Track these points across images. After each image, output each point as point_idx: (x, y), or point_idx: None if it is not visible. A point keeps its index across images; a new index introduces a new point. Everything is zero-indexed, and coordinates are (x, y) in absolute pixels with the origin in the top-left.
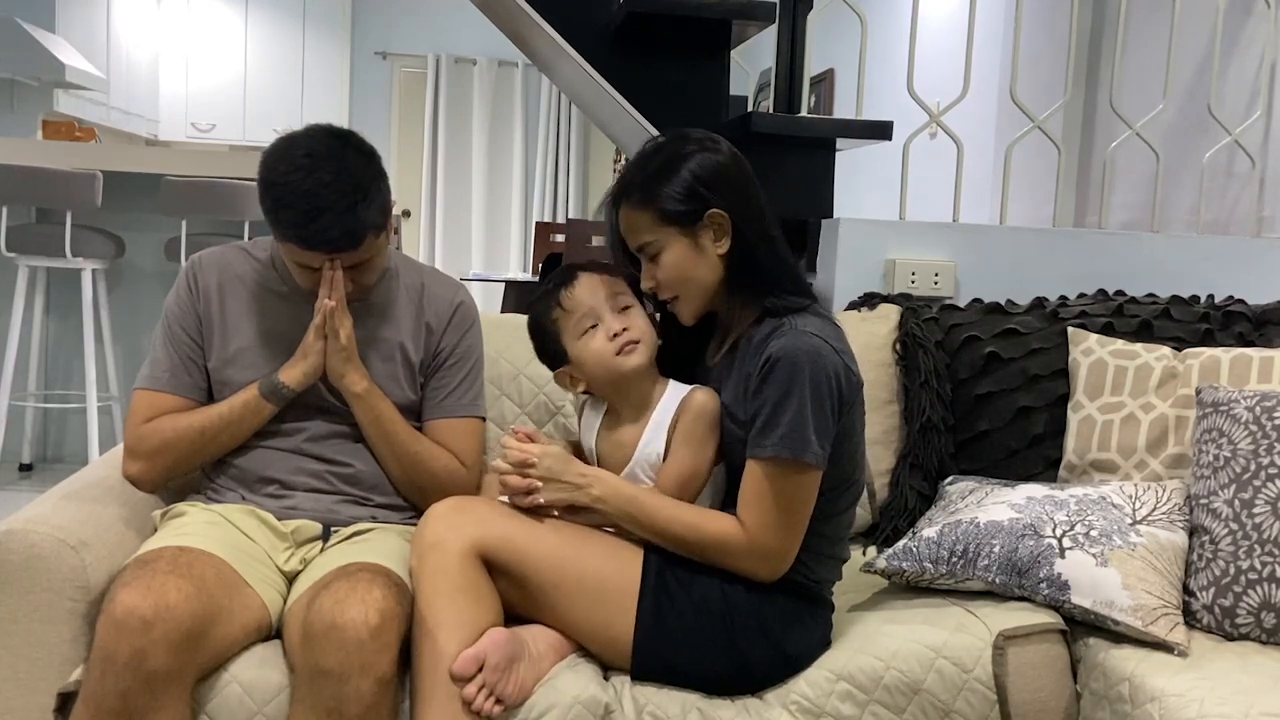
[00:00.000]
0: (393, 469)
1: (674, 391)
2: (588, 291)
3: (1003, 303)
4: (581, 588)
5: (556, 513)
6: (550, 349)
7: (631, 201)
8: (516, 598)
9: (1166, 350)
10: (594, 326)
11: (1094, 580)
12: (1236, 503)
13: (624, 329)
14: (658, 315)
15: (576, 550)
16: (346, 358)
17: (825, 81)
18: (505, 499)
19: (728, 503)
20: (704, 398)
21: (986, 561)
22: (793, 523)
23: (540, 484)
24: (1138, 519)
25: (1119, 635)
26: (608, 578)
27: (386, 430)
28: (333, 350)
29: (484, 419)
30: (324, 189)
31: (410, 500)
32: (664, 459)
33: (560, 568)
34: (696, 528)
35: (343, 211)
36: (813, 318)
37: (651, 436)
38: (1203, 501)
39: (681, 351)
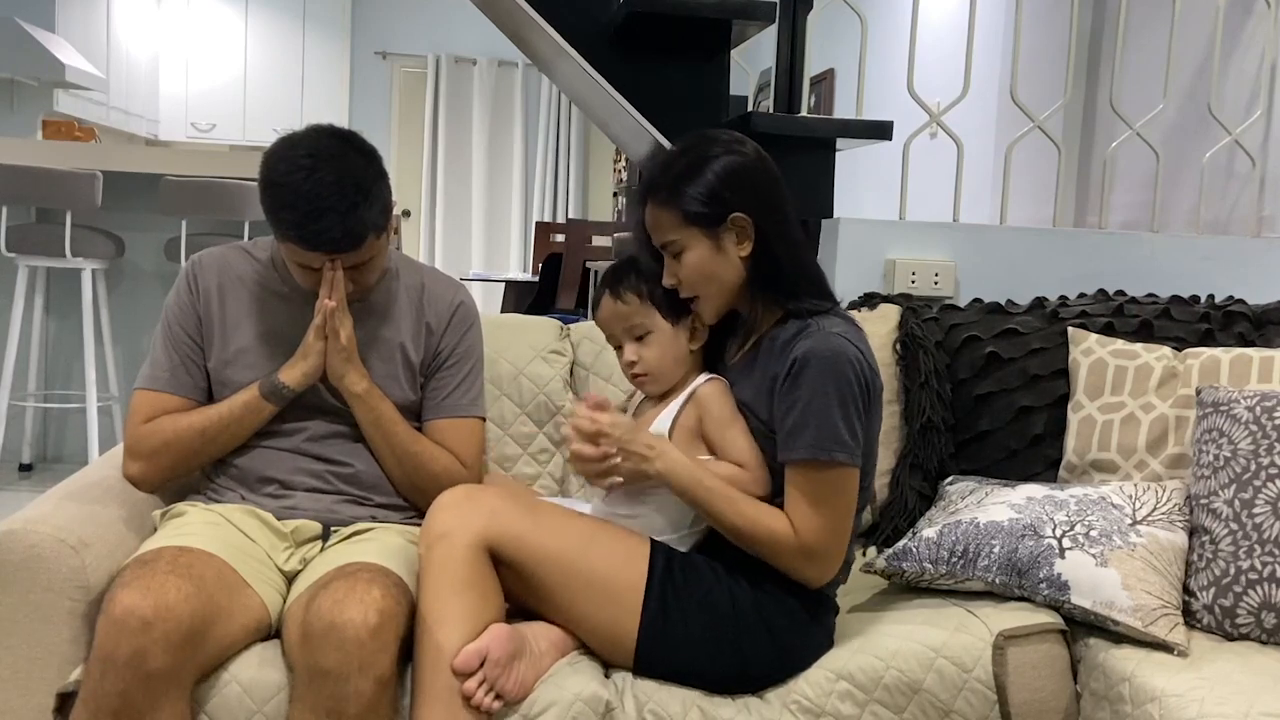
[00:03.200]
0: (392, 469)
1: (696, 381)
2: (607, 318)
3: (1003, 303)
4: (588, 584)
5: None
6: None
7: (657, 200)
8: (522, 591)
9: (1166, 350)
10: (620, 346)
11: (1094, 580)
12: (1236, 503)
13: (634, 361)
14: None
15: (584, 547)
16: (346, 358)
17: (825, 81)
18: (573, 465)
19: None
20: (711, 387)
21: (986, 561)
22: (836, 522)
23: (617, 455)
24: (1138, 519)
25: (1119, 635)
26: (614, 574)
27: (386, 430)
28: (333, 350)
29: (484, 419)
30: (325, 189)
31: (410, 500)
32: (670, 436)
33: (567, 564)
34: (752, 520)
35: (344, 212)
36: (837, 319)
37: (666, 416)
38: (1203, 501)
39: (703, 351)
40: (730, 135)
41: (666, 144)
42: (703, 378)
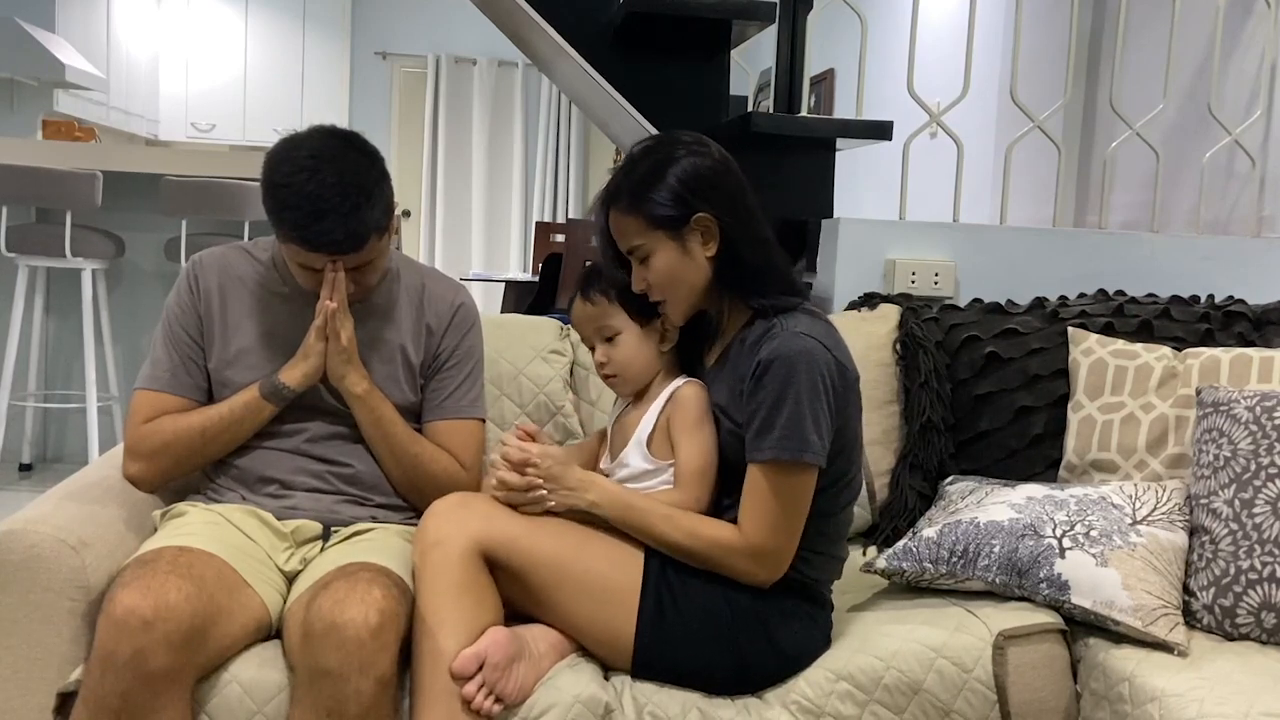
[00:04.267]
0: (392, 470)
1: (675, 384)
2: (579, 319)
3: (1003, 303)
4: (584, 587)
5: (553, 502)
6: None
7: (620, 206)
8: (518, 595)
9: (1166, 350)
10: (593, 347)
11: (1094, 580)
12: (1236, 503)
13: (605, 362)
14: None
15: (579, 549)
16: (347, 359)
17: (825, 81)
18: (498, 493)
19: (721, 499)
20: (689, 390)
21: (986, 561)
22: (791, 523)
23: (541, 485)
24: (1138, 519)
25: (1119, 635)
26: (610, 577)
27: (386, 431)
28: (333, 351)
29: (484, 420)
30: (327, 190)
31: (410, 501)
32: (649, 444)
33: (563, 567)
34: (692, 533)
35: (346, 213)
36: (803, 316)
37: (646, 422)
38: (1203, 501)
39: (679, 353)
40: (691, 136)
41: None
42: (681, 380)
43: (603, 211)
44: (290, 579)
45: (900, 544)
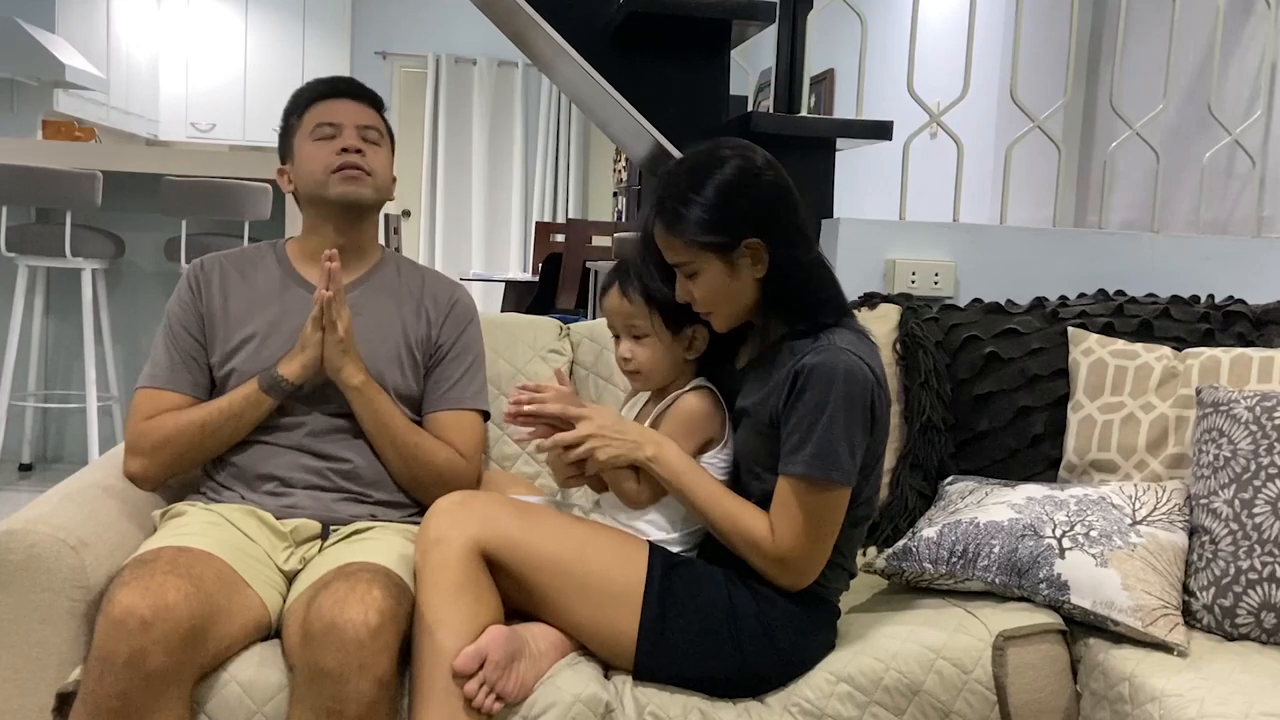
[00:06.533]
0: (392, 462)
1: (684, 389)
2: (612, 310)
3: (1003, 303)
4: (585, 587)
5: (608, 454)
6: None
7: (666, 222)
8: (519, 595)
9: (1166, 350)
10: (618, 337)
11: (1094, 580)
12: (1236, 503)
13: (630, 358)
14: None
15: (580, 550)
16: (344, 350)
17: (825, 81)
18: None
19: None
20: (693, 399)
21: (986, 562)
22: (819, 538)
23: (595, 435)
24: (1138, 519)
25: (1119, 635)
26: (612, 578)
27: (385, 423)
28: (330, 342)
29: (486, 414)
30: (340, 80)
31: (411, 494)
32: None
33: (563, 567)
34: (733, 519)
35: (359, 85)
36: (848, 333)
37: (654, 422)
38: (1203, 501)
39: (710, 352)
40: (740, 148)
41: (666, 143)
42: (691, 384)
43: (649, 225)
44: (290, 579)
45: (900, 544)
